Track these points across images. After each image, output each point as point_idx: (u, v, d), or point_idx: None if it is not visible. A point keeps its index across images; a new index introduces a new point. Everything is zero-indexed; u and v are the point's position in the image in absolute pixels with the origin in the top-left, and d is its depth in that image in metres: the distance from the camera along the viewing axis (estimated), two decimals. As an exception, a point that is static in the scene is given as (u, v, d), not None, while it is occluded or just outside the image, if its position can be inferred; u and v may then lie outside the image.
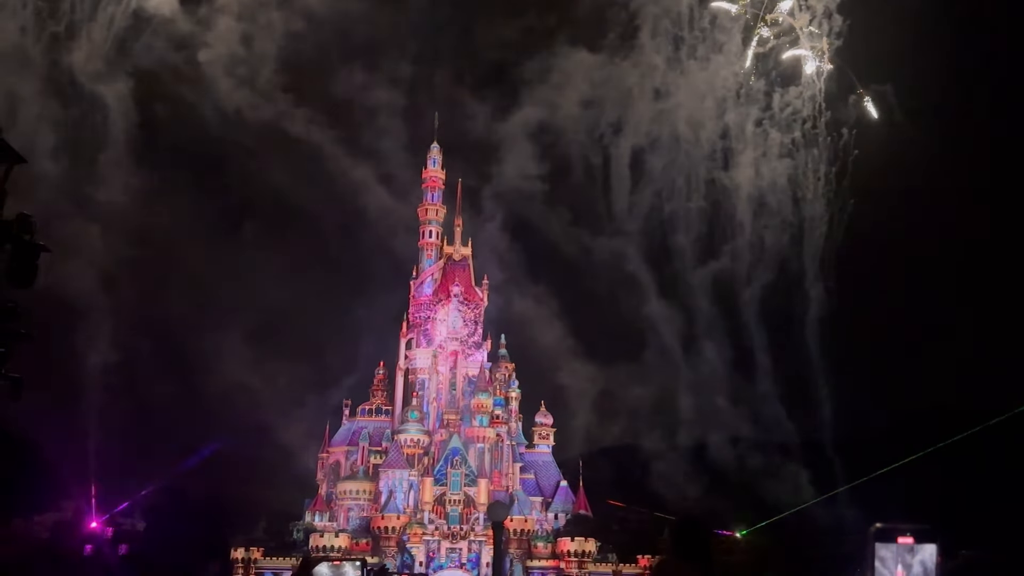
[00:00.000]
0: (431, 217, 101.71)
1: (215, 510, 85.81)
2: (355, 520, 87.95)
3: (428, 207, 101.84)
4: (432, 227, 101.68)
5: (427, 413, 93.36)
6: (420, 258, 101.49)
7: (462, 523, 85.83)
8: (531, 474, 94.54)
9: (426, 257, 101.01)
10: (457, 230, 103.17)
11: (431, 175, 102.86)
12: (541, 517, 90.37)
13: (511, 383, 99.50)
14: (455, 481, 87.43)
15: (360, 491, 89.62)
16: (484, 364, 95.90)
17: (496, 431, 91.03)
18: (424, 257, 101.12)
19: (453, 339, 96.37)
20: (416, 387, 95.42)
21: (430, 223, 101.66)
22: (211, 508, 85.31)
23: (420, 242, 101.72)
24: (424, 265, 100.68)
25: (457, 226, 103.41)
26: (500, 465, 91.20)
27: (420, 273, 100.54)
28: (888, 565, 4.82)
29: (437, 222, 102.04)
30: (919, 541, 4.70)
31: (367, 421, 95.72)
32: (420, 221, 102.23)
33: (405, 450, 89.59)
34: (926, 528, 4.90)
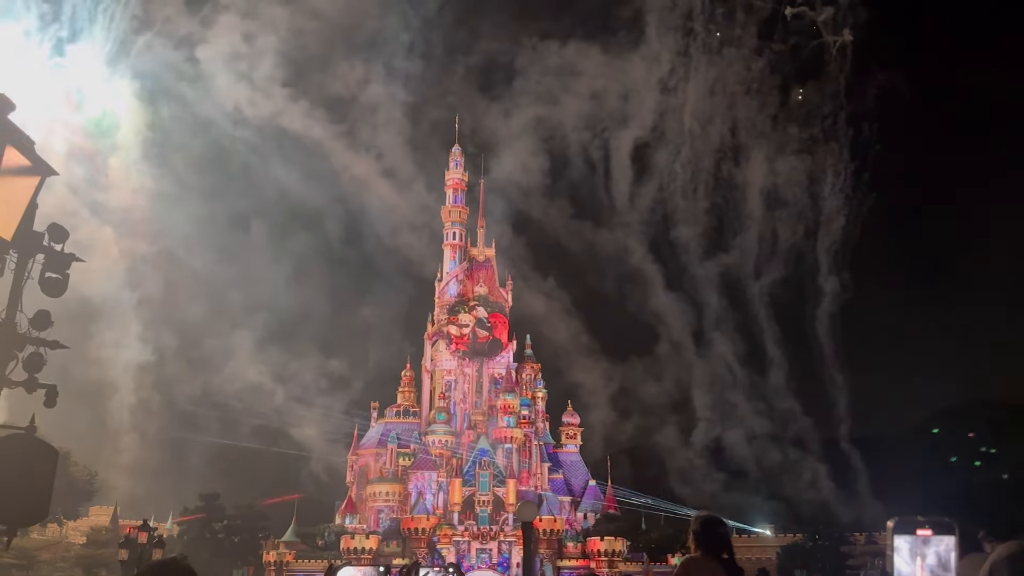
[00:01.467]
0: (455, 219, 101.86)
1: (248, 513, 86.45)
2: (385, 522, 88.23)
3: (451, 209, 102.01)
4: (456, 228, 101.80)
5: (454, 414, 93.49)
6: (444, 259, 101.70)
7: (491, 524, 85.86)
8: (559, 474, 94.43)
9: (450, 259, 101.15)
10: (480, 231, 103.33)
11: (453, 177, 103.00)
12: (570, 517, 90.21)
13: (537, 383, 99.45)
14: (484, 482, 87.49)
15: (389, 493, 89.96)
16: (510, 364, 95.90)
17: (523, 431, 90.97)
18: (448, 259, 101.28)
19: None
20: (443, 388, 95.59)
21: (454, 225, 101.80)
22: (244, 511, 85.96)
23: (444, 244, 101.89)
24: (448, 267, 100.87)
25: (480, 227, 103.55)
26: (528, 465, 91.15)
27: (444, 274, 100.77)
28: (905, 556, 4.76)
29: (460, 224, 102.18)
30: (938, 534, 4.64)
31: (395, 423, 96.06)
32: (443, 223, 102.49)
33: (433, 451, 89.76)
34: (945, 521, 4.83)
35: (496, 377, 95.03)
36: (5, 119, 5.01)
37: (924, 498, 79.96)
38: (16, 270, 5.69)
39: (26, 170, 5.20)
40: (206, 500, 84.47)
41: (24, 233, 5.41)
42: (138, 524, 33.24)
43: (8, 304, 5.65)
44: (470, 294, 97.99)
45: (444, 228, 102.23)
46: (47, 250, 5.89)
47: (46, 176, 5.35)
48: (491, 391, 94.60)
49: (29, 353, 5.71)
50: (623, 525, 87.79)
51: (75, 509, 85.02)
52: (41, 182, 5.33)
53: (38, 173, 5.30)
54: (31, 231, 5.65)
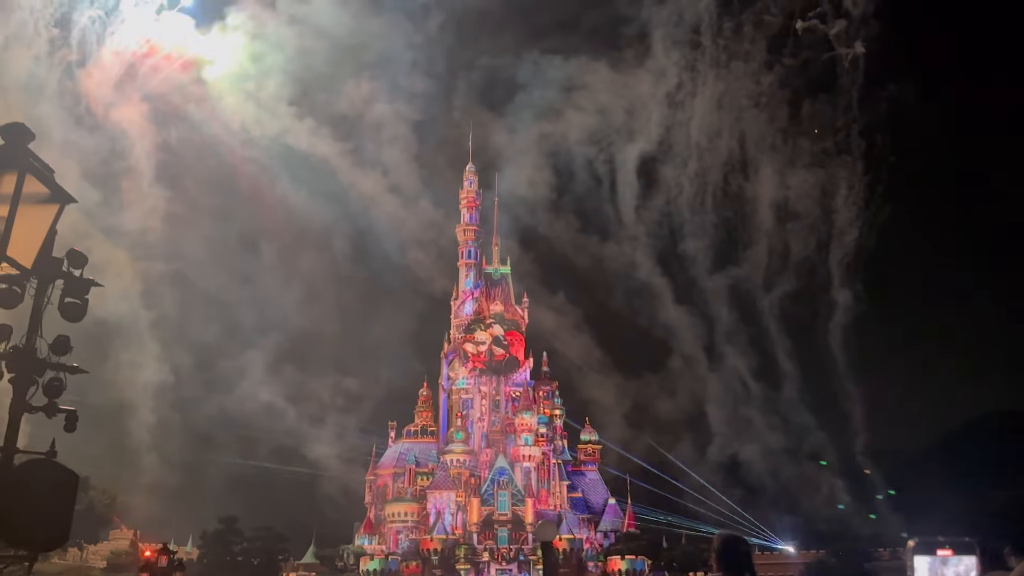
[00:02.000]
0: (470, 237, 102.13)
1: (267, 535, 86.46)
2: (404, 542, 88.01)
3: (466, 227, 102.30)
4: (471, 247, 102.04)
5: (472, 433, 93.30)
6: (459, 277, 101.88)
7: (511, 543, 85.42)
8: (579, 492, 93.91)
9: (465, 277, 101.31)
10: (494, 249, 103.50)
11: (468, 195, 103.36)
12: (590, 536, 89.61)
13: (554, 400, 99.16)
14: (502, 501, 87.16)
15: (408, 513, 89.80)
16: (527, 382, 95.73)
17: (541, 450, 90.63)
18: (463, 276, 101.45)
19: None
20: (460, 407, 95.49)
21: (469, 243, 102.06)
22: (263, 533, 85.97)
23: (459, 262, 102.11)
24: (464, 284, 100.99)
25: (494, 245, 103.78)
26: (547, 484, 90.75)
27: (459, 292, 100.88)
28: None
29: (476, 242, 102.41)
30: (958, 554, 4.59)
31: (413, 443, 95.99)
32: (458, 241, 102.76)
33: (451, 471, 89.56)
34: (965, 541, 4.78)
35: (513, 395, 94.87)
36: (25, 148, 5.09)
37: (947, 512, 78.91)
38: (36, 296, 5.76)
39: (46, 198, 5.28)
40: (225, 523, 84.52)
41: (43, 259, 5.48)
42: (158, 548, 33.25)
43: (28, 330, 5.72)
44: (486, 312, 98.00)
45: (459, 246, 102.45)
46: (66, 276, 5.96)
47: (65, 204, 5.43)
48: (508, 409, 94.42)
49: (49, 378, 5.77)
50: (644, 544, 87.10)
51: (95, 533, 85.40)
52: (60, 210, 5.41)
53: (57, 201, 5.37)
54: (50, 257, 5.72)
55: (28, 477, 5.34)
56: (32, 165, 5.10)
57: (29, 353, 5.66)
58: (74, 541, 78.35)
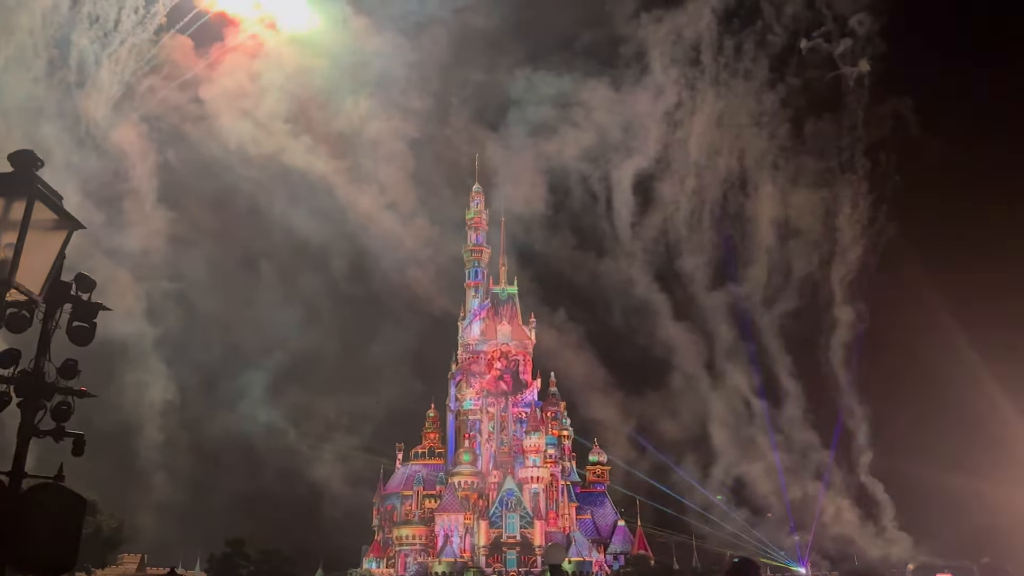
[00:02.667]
0: (477, 258, 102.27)
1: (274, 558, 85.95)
2: (412, 566, 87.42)
3: (473, 248, 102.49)
4: (478, 267, 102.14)
5: (479, 455, 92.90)
6: (466, 298, 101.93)
7: (519, 566, 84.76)
8: (587, 514, 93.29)
9: (472, 297, 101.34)
10: (502, 269, 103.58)
11: (475, 216, 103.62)
12: (599, 558, 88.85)
13: (563, 421, 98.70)
14: (511, 523, 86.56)
15: (416, 536, 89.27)
16: (534, 403, 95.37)
17: (550, 471, 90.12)
18: (470, 297, 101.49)
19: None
20: (468, 428, 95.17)
21: (475, 264, 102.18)
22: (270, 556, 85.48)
23: (467, 283, 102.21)
24: (471, 305, 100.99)
25: (502, 265, 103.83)
26: (556, 506, 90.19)
27: (467, 313, 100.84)
28: None
29: (482, 263, 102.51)
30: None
31: (420, 464, 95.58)
32: (464, 262, 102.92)
33: (460, 493, 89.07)
34: (966, 565, 4.70)
35: (521, 416, 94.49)
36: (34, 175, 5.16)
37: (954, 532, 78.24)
38: (44, 320, 5.81)
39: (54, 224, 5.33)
40: (232, 546, 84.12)
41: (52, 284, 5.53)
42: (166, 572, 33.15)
43: (36, 354, 5.76)
44: (493, 333, 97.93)
45: (466, 266, 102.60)
46: (74, 300, 6.01)
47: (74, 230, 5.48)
48: (516, 430, 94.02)
49: (57, 402, 5.80)
50: (654, 567, 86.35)
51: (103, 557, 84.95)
52: (68, 236, 5.46)
53: (66, 227, 5.43)
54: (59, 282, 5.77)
55: (36, 501, 5.36)
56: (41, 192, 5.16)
57: (37, 377, 5.70)
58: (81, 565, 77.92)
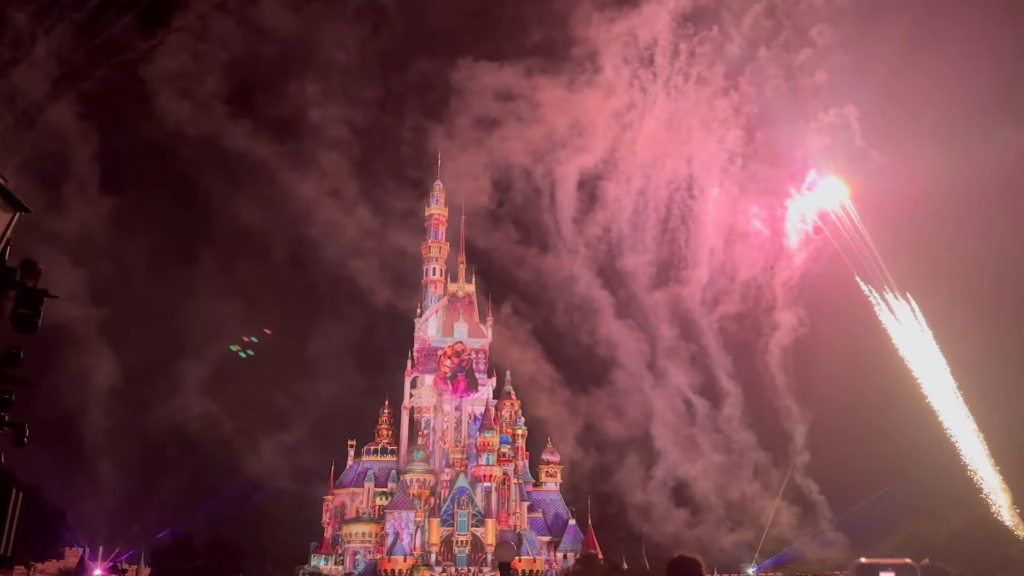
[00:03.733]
0: (435, 255, 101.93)
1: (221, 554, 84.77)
2: (361, 563, 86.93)
3: (432, 244, 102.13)
4: (436, 264, 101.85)
5: (433, 452, 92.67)
6: (424, 295, 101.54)
7: (470, 564, 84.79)
8: (539, 513, 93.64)
9: (430, 295, 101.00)
10: (460, 267, 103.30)
11: (434, 213, 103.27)
12: (549, 557, 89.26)
13: (517, 420, 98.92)
14: (462, 521, 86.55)
15: (366, 533, 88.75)
16: (489, 401, 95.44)
17: (503, 469, 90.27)
18: (428, 294, 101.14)
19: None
20: (421, 426, 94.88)
21: (433, 260, 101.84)
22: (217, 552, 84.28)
23: (424, 279, 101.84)
24: (428, 302, 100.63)
25: (460, 263, 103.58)
26: (507, 504, 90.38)
27: (424, 310, 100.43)
28: None
29: (440, 259, 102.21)
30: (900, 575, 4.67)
31: (372, 461, 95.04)
32: (423, 258, 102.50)
33: (411, 491, 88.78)
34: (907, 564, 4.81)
35: (476, 414, 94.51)
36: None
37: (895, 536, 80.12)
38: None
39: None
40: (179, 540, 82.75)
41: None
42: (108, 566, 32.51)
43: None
44: (450, 330, 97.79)
45: (424, 264, 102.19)
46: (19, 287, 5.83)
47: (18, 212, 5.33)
48: (470, 428, 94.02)
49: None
50: (603, 565, 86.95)
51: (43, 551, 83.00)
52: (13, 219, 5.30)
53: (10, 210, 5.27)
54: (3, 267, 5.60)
55: (-28, 492, 5.21)
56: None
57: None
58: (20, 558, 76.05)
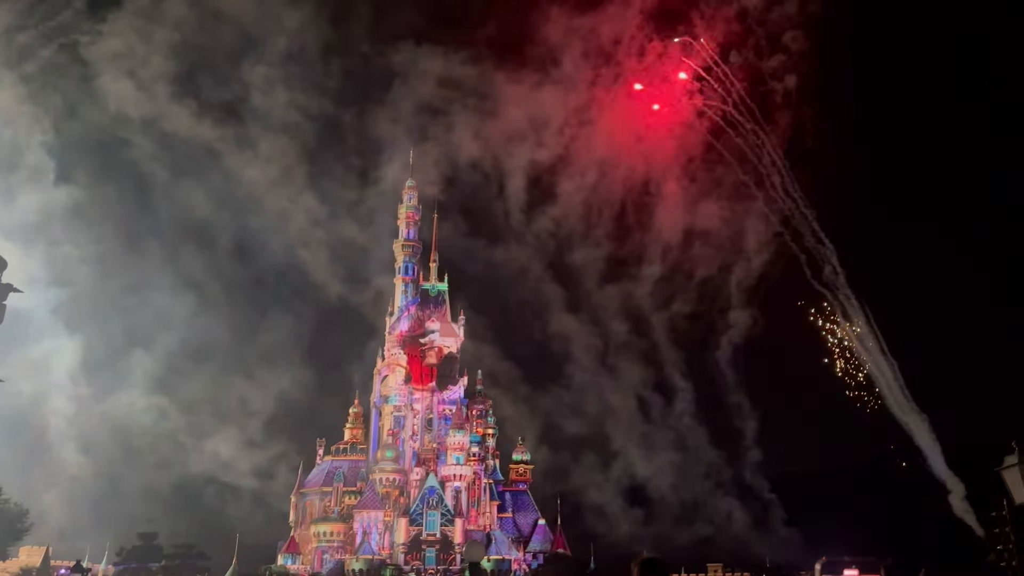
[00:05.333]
0: (408, 253, 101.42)
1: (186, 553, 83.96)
2: (329, 562, 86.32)
3: (404, 243, 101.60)
4: (409, 263, 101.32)
5: (403, 451, 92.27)
6: (395, 293, 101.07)
7: (438, 564, 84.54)
8: (509, 512, 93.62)
9: (401, 293, 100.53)
10: (432, 265, 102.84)
11: (407, 212, 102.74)
12: (518, 556, 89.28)
13: (488, 419, 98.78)
14: (431, 521, 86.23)
15: (334, 533, 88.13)
16: (460, 400, 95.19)
17: (473, 469, 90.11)
18: (399, 292, 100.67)
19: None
20: (392, 424, 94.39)
21: (407, 259, 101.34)
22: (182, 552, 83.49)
23: (396, 278, 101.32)
24: (400, 300, 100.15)
25: (432, 262, 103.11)
26: (477, 504, 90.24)
27: (395, 308, 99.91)
28: None
29: (413, 258, 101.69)
30: (864, 572, 4.59)
31: (342, 460, 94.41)
32: (395, 256, 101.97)
33: (380, 490, 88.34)
34: (870, 560, 4.78)
35: (446, 413, 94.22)
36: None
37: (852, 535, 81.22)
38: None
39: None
40: (144, 539, 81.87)
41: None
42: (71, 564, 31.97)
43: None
44: (421, 329, 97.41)
45: (396, 262, 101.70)
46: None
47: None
48: (441, 427, 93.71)
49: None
50: (571, 564, 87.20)
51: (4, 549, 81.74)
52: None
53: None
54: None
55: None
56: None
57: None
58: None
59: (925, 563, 72.96)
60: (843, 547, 72.75)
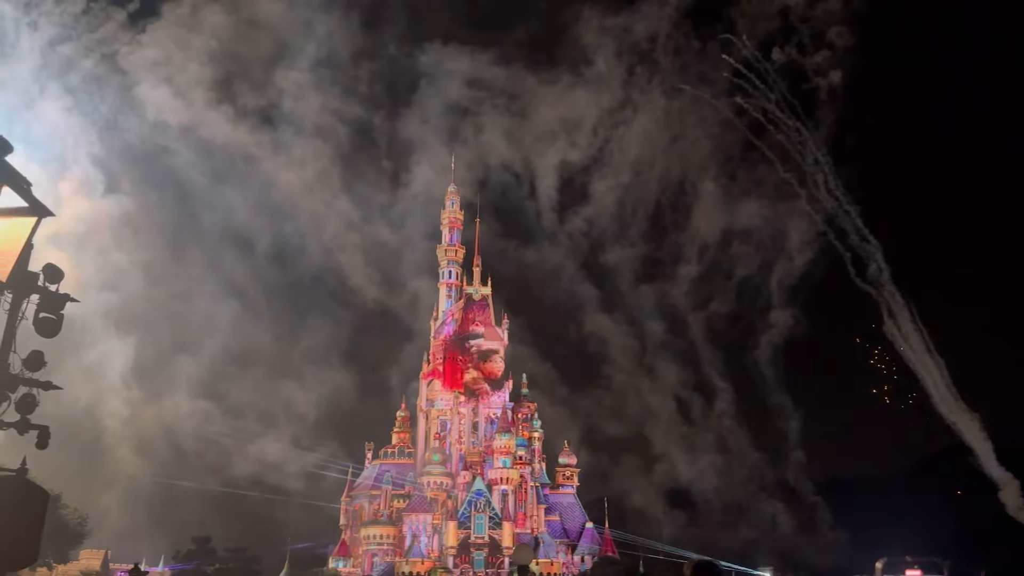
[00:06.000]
0: (451, 257, 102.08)
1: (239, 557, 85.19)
2: (379, 565, 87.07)
3: (447, 248, 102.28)
4: (452, 267, 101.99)
5: (449, 455, 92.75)
6: (439, 297, 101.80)
7: (487, 567, 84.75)
8: (556, 516, 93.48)
9: (446, 297, 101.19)
10: (476, 270, 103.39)
11: (450, 215, 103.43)
12: (567, 560, 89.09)
13: (533, 423, 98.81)
14: (479, 524, 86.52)
15: (384, 536, 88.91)
16: (506, 404, 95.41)
17: (519, 472, 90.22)
18: (443, 297, 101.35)
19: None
20: (438, 428, 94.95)
21: (450, 263, 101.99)
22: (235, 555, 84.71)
23: (440, 282, 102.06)
24: (444, 305, 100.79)
25: (476, 266, 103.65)
26: (524, 507, 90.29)
27: (439, 312, 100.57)
28: None
29: (456, 262, 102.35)
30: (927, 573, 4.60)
31: (390, 464, 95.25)
32: (439, 261, 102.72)
33: (429, 493, 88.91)
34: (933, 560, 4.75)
35: (492, 417, 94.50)
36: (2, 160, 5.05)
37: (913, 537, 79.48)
38: (11, 311, 5.69)
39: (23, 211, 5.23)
40: (198, 543, 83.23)
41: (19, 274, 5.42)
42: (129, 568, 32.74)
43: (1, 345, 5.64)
44: (466, 333, 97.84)
45: (440, 267, 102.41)
46: (42, 291, 5.89)
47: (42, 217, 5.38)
48: (487, 431, 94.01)
49: (22, 394, 5.69)
50: (620, 568, 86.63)
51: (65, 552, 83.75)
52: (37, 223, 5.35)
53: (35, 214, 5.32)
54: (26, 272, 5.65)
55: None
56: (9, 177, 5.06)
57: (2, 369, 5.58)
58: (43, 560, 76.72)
59: (985, 565, 71.19)
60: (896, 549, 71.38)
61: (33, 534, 5.32)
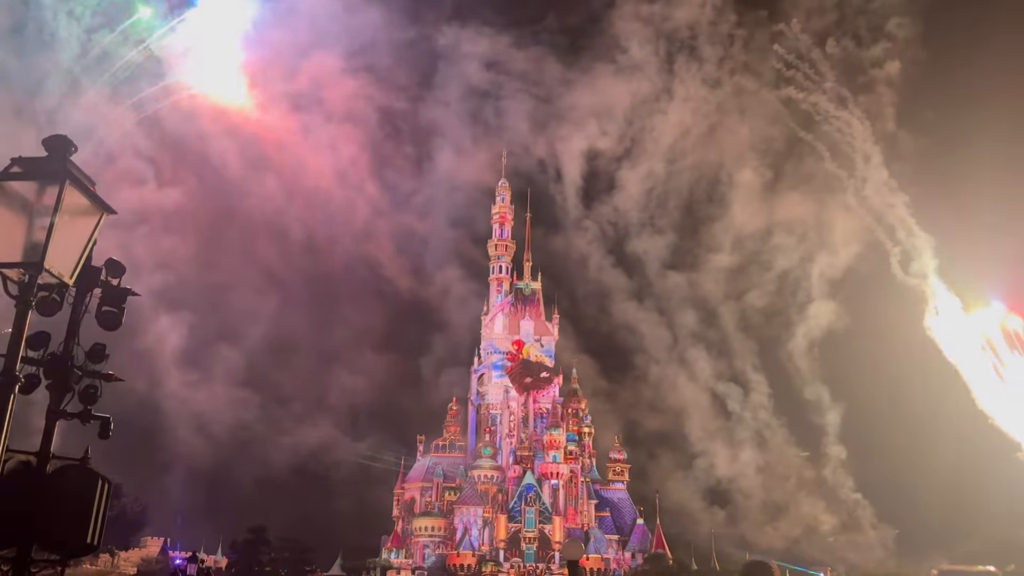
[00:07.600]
0: (501, 252, 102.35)
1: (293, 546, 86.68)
2: (431, 557, 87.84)
3: (497, 243, 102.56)
4: (502, 262, 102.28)
5: (500, 449, 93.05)
6: (490, 292, 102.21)
7: (538, 561, 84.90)
8: (606, 511, 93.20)
9: (495, 292, 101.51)
10: (526, 265, 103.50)
11: (500, 211, 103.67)
12: (618, 556, 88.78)
13: (584, 418, 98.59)
14: (529, 518, 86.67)
15: (435, 527, 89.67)
16: (556, 399, 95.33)
17: (570, 467, 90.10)
18: (494, 291, 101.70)
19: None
20: (488, 422, 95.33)
21: (500, 259, 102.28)
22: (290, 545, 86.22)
23: (490, 277, 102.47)
24: (494, 299, 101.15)
25: (526, 261, 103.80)
26: (574, 502, 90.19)
27: (489, 306, 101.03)
28: None
29: (507, 258, 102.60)
30: None
31: (441, 457, 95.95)
32: (489, 257, 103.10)
33: (479, 486, 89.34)
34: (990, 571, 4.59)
35: (542, 411, 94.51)
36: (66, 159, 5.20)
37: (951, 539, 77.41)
38: (74, 305, 5.87)
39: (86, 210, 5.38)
40: (254, 532, 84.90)
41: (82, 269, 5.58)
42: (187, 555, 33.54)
43: (65, 337, 5.82)
44: (516, 328, 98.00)
45: (491, 262, 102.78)
46: (104, 285, 6.07)
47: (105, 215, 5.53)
48: (537, 425, 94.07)
49: (84, 385, 5.86)
50: (672, 565, 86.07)
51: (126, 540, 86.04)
52: (100, 220, 5.50)
53: (97, 212, 5.47)
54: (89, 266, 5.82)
55: (62, 483, 5.43)
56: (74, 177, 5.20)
57: (66, 360, 5.76)
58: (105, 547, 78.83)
59: None
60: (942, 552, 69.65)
61: (95, 521, 5.48)
